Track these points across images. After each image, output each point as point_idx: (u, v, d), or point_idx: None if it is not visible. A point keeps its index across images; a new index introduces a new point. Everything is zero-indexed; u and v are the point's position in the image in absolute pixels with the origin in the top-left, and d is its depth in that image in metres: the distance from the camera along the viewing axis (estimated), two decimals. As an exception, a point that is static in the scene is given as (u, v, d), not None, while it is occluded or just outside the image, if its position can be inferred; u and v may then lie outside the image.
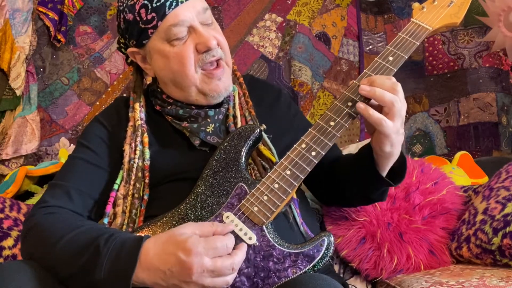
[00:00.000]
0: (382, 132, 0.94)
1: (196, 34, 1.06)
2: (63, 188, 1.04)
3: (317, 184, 1.23)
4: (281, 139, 1.11)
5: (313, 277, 0.83)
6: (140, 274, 0.84)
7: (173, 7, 1.04)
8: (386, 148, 0.98)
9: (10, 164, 2.20)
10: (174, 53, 1.06)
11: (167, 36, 1.05)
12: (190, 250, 0.81)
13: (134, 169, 1.08)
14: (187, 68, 1.06)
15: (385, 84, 0.94)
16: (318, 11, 2.54)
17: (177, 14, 1.04)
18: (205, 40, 1.05)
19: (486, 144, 2.29)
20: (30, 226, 0.97)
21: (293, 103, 1.32)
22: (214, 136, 1.10)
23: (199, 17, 1.06)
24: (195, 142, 1.09)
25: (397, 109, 0.93)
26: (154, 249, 0.84)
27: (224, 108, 1.13)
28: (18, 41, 2.20)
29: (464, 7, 1.07)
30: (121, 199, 1.07)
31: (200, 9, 1.07)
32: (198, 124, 1.11)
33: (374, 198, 1.16)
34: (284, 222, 1.02)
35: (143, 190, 1.08)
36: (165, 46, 1.06)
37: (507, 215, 1.36)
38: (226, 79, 1.10)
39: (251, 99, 1.18)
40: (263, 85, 1.29)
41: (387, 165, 1.03)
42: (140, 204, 1.07)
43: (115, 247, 0.86)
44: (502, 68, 2.33)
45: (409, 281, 1.35)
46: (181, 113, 1.12)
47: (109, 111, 1.20)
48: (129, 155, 1.09)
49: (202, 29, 1.06)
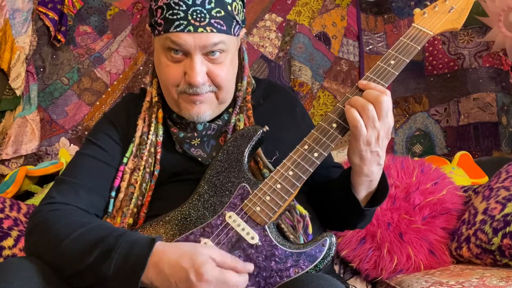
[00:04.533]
0: (353, 135, 0.94)
1: (190, 64, 1.02)
2: (70, 184, 1.04)
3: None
4: (288, 151, 1.09)
5: (315, 276, 0.84)
6: (150, 274, 0.84)
7: (178, 30, 1.01)
8: (354, 159, 0.96)
9: (10, 164, 2.20)
10: (165, 65, 1.05)
11: (165, 46, 1.04)
12: (202, 275, 0.81)
13: (148, 145, 1.08)
14: (169, 85, 1.06)
15: (370, 94, 0.94)
16: (318, 11, 2.54)
17: (179, 36, 1.01)
18: (192, 75, 1.02)
19: (486, 144, 2.30)
20: (36, 222, 0.97)
21: (306, 113, 1.29)
22: (198, 149, 1.10)
23: (203, 49, 1.02)
24: (178, 150, 1.10)
25: (370, 117, 0.92)
26: (170, 255, 0.84)
27: (215, 125, 1.12)
28: (18, 41, 2.20)
29: (465, 13, 1.08)
30: (128, 173, 1.07)
31: (208, 43, 1.01)
32: (185, 134, 1.10)
33: (350, 218, 1.10)
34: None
35: (154, 166, 1.07)
36: (161, 53, 1.06)
37: (507, 215, 1.36)
38: (204, 106, 1.07)
39: (264, 107, 1.16)
40: (279, 94, 1.25)
41: (360, 184, 1.00)
42: (150, 179, 1.07)
43: (126, 245, 0.86)
44: (502, 68, 2.33)
45: (409, 281, 1.35)
46: (174, 116, 1.12)
47: (117, 108, 1.20)
48: (142, 130, 1.10)
49: (197, 62, 1.02)
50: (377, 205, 1.05)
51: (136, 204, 1.06)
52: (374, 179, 1.00)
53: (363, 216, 1.06)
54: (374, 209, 1.07)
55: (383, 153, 0.97)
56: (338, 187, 1.05)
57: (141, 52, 2.39)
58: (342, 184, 1.03)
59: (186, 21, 1.00)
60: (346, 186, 1.02)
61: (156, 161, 1.08)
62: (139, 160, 1.08)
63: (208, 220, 0.94)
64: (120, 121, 1.14)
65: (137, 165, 1.08)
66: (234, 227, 0.92)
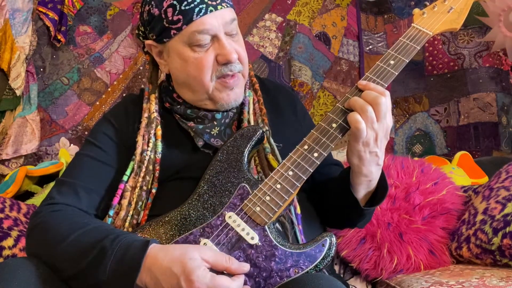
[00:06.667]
0: (353, 136, 0.95)
1: (219, 45, 1.05)
2: (70, 185, 1.04)
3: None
4: (292, 150, 1.10)
5: (315, 276, 0.84)
6: (144, 278, 0.84)
7: (201, 14, 1.02)
8: (353, 159, 0.97)
9: (10, 164, 2.20)
10: (194, 58, 1.05)
11: (190, 41, 1.04)
12: (192, 282, 0.80)
13: (146, 162, 1.07)
14: (203, 76, 1.06)
15: (369, 95, 0.95)
16: (318, 11, 2.54)
17: (204, 22, 1.03)
18: (226, 53, 1.04)
19: (486, 144, 2.30)
20: (36, 223, 0.97)
21: (306, 112, 1.31)
22: (218, 139, 1.10)
23: (225, 28, 1.05)
24: (198, 143, 1.09)
25: (369, 118, 0.93)
26: (162, 260, 0.84)
27: (231, 113, 1.13)
28: (18, 41, 2.20)
29: (464, 13, 1.09)
30: (128, 191, 1.07)
31: (228, 19, 1.05)
32: (203, 125, 1.11)
33: (350, 217, 1.11)
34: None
35: (152, 184, 1.07)
36: (185, 49, 1.06)
37: (507, 215, 1.36)
38: (238, 90, 1.10)
39: (265, 103, 1.17)
40: (280, 92, 1.27)
41: (359, 184, 1.00)
42: (147, 197, 1.07)
43: (121, 248, 0.86)
44: (502, 68, 2.33)
45: (409, 281, 1.35)
46: (188, 112, 1.12)
47: (117, 109, 1.20)
48: (142, 147, 1.09)
49: (226, 41, 1.05)
50: (376, 205, 1.06)
51: (132, 223, 1.05)
52: (373, 179, 1.01)
53: (362, 215, 1.07)
54: (373, 208, 1.08)
55: (382, 154, 0.97)
56: (338, 186, 1.06)
57: (141, 52, 2.39)
58: (342, 183, 1.04)
59: (205, 4, 1.03)
60: (346, 186, 1.02)
61: (154, 179, 1.08)
62: (137, 178, 1.07)
63: (208, 221, 0.94)
64: (120, 121, 1.14)
65: (137, 182, 1.08)
66: (234, 227, 0.92)
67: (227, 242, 0.91)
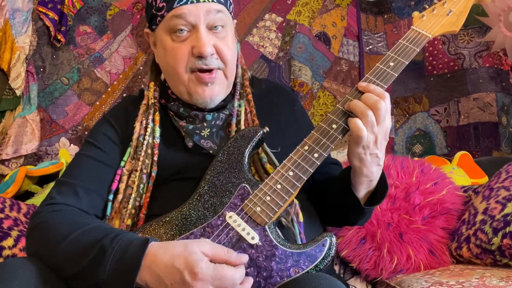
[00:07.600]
0: (353, 140, 0.95)
1: (196, 36, 1.05)
2: (70, 186, 1.05)
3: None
4: (291, 150, 1.10)
5: (315, 276, 0.84)
6: (144, 276, 0.84)
7: (182, 3, 1.04)
8: (354, 161, 0.98)
9: (10, 164, 2.20)
10: (171, 47, 1.07)
11: (169, 27, 1.06)
12: (196, 274, 0.80)
13: (144, 146, 1.08)
14: (178, 66, 1.07)
15: (369, 99, 0.95)
16: (318, 11, 2.54)
17: (183, 9, 1.04)
18: (200, 45, 1.04)
19: (486, 144, 2.30)
20: (36, 223, 0.97)
21: (305, 112, 1.31)
22: (208, 141, 1.10)
23: (207, 18, 1.05)
24: (188, 144, 1.10)
25: (369, 122, 0.93)
26: (163, 257, 0.84)
27: (223, 115, 1.13)
28: (18, 41, 2.20)
29: (463, 16, 1.10)
30: (126, 175, 1.07)
31: (210, 9, 1.05)
32: (194, 125, 1.11)
33: (350, 216, 1.12)
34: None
35: (151, 167, 1.08)
36: (166, 38, 1.08)
37: (507, 215, 1.36)
38: (216, 88, 1.09)
39: (264, 104, 1.17)
40: (279, 92, 1.27)
41: (360, 184, 1.01)
42: (147, 180, 1.07)
43: (120, 247, 0.86)
44: (502, 68, 2.34)
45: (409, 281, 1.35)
46: (181, 111, 1.12)
47: (117, 109, 1.20)
48: (139, 132, 1.10)
49: (204, 33, 1.05)
50: (376, 204, 1.06)
51: (134, 205, 1.06)
52: (374, 179, 1.02)
53: (363, 214, 1.08)
54: (373, 207, 1.09)
55: (382, 155, 0.98)
56: (338, 185, 1.07)
57: (141, 52, 2.40)
58: (342, 183, 1.04)
59: None
60: (346, 185, 1.03)
61: (153, 162, 1.08)
62: (136, 162, 1.08)
63: (209, 220, 0.94)
64: (119, 122, 1.15)
65: (135, 166, 1.08)
66: (235, 227, 0.92)
67: (227, 242, 0.91)
